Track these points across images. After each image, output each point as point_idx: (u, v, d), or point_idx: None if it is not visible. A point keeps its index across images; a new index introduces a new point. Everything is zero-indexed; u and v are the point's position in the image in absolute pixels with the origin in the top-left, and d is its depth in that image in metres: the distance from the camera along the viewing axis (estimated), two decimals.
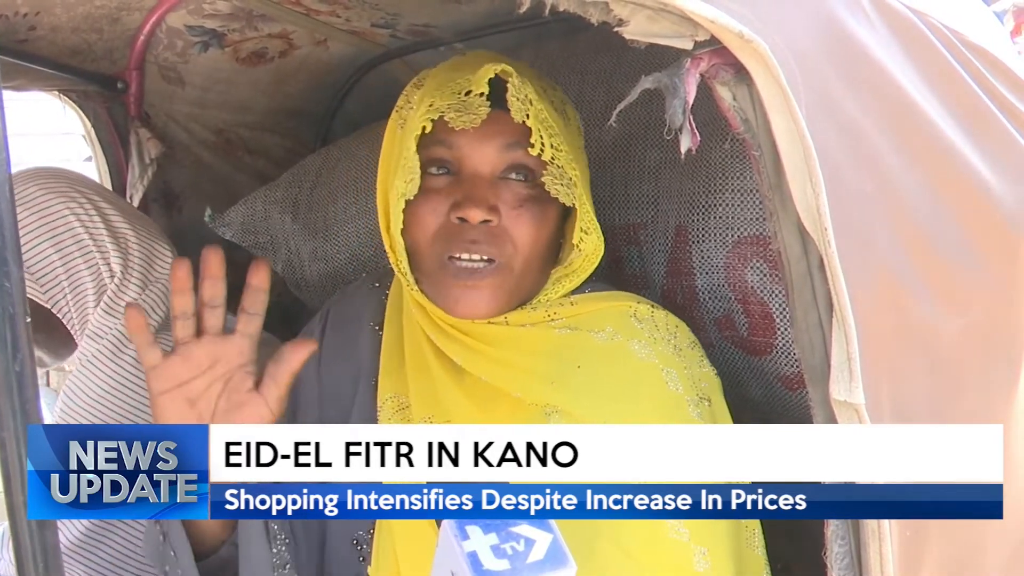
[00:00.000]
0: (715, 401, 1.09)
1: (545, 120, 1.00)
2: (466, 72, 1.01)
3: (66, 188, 1.38)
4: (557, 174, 1.02)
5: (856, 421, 0.81)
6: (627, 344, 1.07)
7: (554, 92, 1.08)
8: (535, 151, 0.99)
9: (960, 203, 1.00)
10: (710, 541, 0.97)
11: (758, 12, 0.76)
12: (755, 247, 1.19)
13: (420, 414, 1.07)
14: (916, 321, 0.91)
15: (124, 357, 1.38)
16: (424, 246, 1.05)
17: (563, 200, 1.02)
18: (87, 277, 1.37)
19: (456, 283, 1.03)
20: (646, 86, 0.74)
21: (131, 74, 1.69)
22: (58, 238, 1.35)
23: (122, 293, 1.39)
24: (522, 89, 0.99)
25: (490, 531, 0.71)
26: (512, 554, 0.70)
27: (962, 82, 1.07)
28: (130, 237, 1.40)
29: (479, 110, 1.00)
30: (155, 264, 1.43)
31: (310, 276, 1.67)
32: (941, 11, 1.09)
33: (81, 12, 1.44)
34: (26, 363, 0.46)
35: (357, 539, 1.09)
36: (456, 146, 1.03)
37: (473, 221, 1.01)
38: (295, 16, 1.59)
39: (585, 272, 1.10)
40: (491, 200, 1.02)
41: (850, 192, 0.82)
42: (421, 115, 1.00)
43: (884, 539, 0.83)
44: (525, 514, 0.74)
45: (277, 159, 1.98)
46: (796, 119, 0.76)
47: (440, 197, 1.04)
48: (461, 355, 1.07)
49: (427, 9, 1.57)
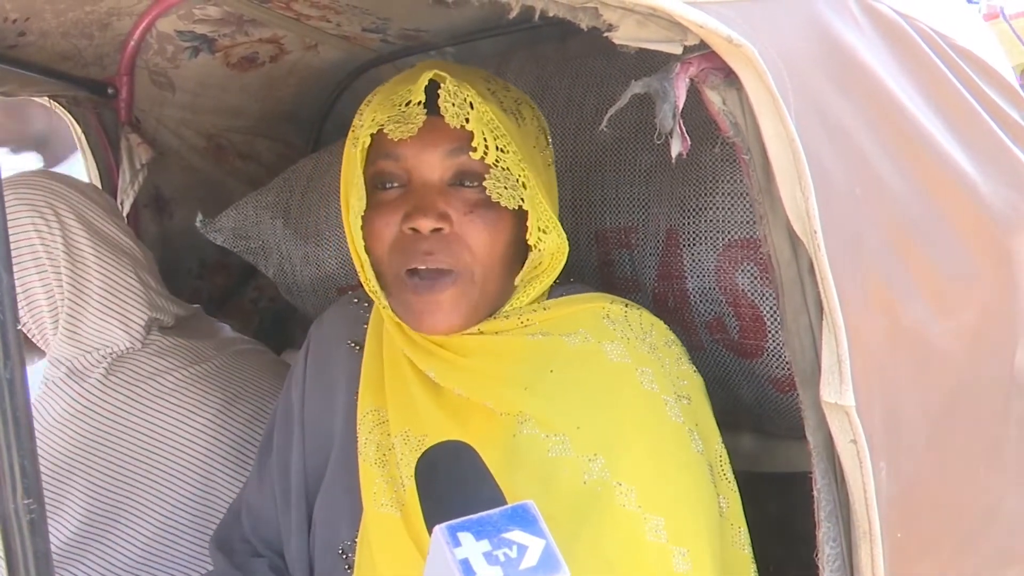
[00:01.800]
0: (695, 399, 1.08)
1: (490, 122, 0.99)
2: (409, 83, 1.02)
3: (39, 202, 1.40)
4: (501, 177, 1.01)
5: (846, 423, 0.81)
6: (599, 346, 1.07)
7: (506, 93, 1.07)
8: (477, 155, 0.99)
9: (949, 205, 1.00)
10: (690, 541, 0.97)
11: (747, 16, 0.76)
12: (746, 250, 1.20)
13: (397, 428, 1.08)
14: (906, 323, 0.91)
15: (84, 383, 1.38)
16: (383, 260, 1.05)
17: (505, 203, 1.01)
18: (40, 294, 1.39)
19: (417, 298, 1.03)
20: (636, 91, 0.74)
21: (121, 79, 1.69)
22: (17, 252, 1.36)
23: (78, 319, 1.39)
24: (458, 93, 0.98)
25: (482, 537, 0.70)
26: (505, 560, 0.69)
27: (950, 85, 1.07)
28: (90, 260, 1.40)
29: (416, 119, 1.00)
30: (119, 293, 1.42)
31: (302, 281, 1.67)
32: (928, 14, 1.09)
33: (71, 17, 1.44)
34: (17, 370, 0.45)
35: (343, 548, 1.09)
36: (401, 157, 1.04)
37: (424, 230, 1.01)
38: (286, 21, 1.59)
39: (552, 272, 1.09)
40: (440, 207, 1.02)
41: (839, 195, 0.82)
42: (365, 131, 1.02)
43: (875, 540, 0.84)
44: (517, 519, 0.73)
45: (268, 164, 1.98)
46: (785, 123, 0.76)
47: (391, 209, 1.04)
48: (435, 368, 1.08)
49: (417, 14, 1.57)
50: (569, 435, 1.01)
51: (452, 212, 1.02)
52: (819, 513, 0.85)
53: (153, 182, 1.79)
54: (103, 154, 1.79)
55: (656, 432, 1.03)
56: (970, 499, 1.03)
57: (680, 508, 0.99)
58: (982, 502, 1.06)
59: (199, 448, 1.40)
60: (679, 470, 1.02)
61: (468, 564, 0.68)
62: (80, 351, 1.40)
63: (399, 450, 1.06)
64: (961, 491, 1.02)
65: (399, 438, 1.07)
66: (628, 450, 1.01)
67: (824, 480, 0.84)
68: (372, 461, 1.08)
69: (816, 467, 0.84)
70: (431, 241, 1.02)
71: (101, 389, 1.38)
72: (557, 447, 1.01)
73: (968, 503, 1.03)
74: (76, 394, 1.38)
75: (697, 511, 1.00)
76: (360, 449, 1.10)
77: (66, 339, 1.39)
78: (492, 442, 1.01)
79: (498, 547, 0.69)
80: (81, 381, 1.38)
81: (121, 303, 1.42)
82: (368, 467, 1.08)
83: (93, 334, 1.40)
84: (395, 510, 1.04)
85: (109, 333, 1.41)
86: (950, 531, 1.01)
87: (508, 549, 0.69)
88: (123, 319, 1.42)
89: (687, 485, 1.01)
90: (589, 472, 0.99)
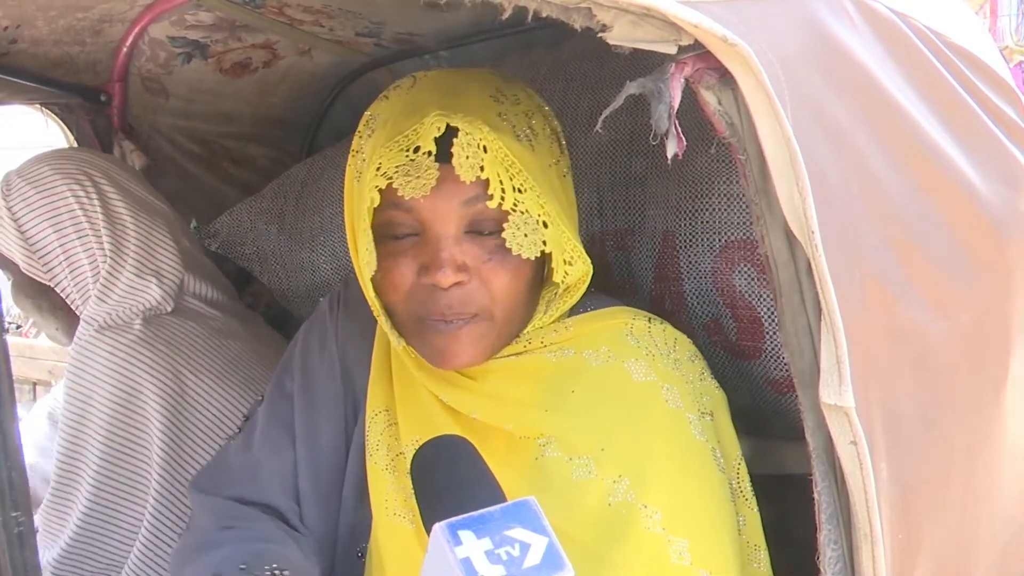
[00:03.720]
0: (718, 415, 1.07)
1: (505, 159, 0.93)
2: (415, 116, 0.95)
3: (74, 170, 1.45)
4: (520, 223, 0.95)
5: (846, 424, 0.81)
6: (622, 365, 1.04)
7: (517, 108, 1.00)
8: (494, 203, 0.93)
9: (946, 204, 1.00)
10: (713, 564, 0.96)
11: (742, 16, 0.75)
12: (743, 251, 1.19)
13: (408, 435, 1.06)
14: (905, 323, 0.91)
15: (124, 335, 1.40)
16: (399, 308, 1.02)
17: (526, 254, 0.96)
18: (83, 258, 1.43)
19: (436, 335, 0.99)
20: (631, 91, 0.73)
21: (114, 86, 1.69)
22: (58, 219, 1.42)
23: (115, 279, 1.42)
24: (472, 140, 0.92)
25: (484, 536, 0.67)
26: (507, 559, 0.66)
27: (946, 83, 1.07)
28: (127, 221, 1.45)
29: (427, 174, 0.93)
30: (154, 251, 1.46)
31: (297, 287, 1.66)
32: (924, 13, 1.09)
33: (63, 24, 1.44)
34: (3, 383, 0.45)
35: (361, 551, 1.08)
36: (414, 209, 0.97)
37: (443, 286, 0.96)
38: (278, 26, 1.58)
39: (575, 295, 1.06)
40: (458, 260, 0.97)
41: (837, 195, 0.82)
42: (371, 179, 0.95)
43: (876, 542, 0.83)
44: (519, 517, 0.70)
45: (262, 169, 1.97)
46: (781, 122, 0.76)
47: (407, 260, 0.99)
48: (447, 393, 1.05)
49: (411, 17, 1.57)
50: (593, 457, 0.99)
51: (470, 261, 0.97)
52: (820, 516, 0.84)
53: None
54: None
55: (681, 453, 1.01)
56: (971, 499, 1.03)
57: (704, 530, 0.98)
58: (983, 502, 1.06)
59: (219, 419, 1.42)
60: (702, 491, 1.00)
61: (470, 563, 0.65)
62: (114, 307, 1.42)
63: (409, 458, 1.04)
64: (961, 491, 1.01)
65: (410, 446, 1.04)
66: (653, 472, 0.99)
67: (824, 482, 0.84)
68: (382, 467, 1.06)
69: (816, 469, 0.84)
70: (450, 294, 0.97)
71: (142, 338, 1.40)
72: (581, 470, 0.99)
73: (969, 503, 1.03)
74: (118, 344, 1.39)
75: (721, 533, 0.99)
76: (370, 452, 1.07)
77: (100, 298, 1.42)
78: (513, 466, 1.00)
79: (500, 545, 0.67)
80: (120, 334, 1.40)
81: (155, 260, 1.47)
82: (378, 472, 1.06)
83: (128, 290, 1.43)
84: (408, 521, 1.02)
85: (144, 290, 1.44)
86: (952, 532, 1.01)
87: (511, 547, 0.67)
88: (157, 275, 1.46)
89: (710, 507, 1.00)
90: (614, 494, 0.97)
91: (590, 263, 1.02)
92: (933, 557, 0.95)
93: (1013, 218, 1.09)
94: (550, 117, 1.05)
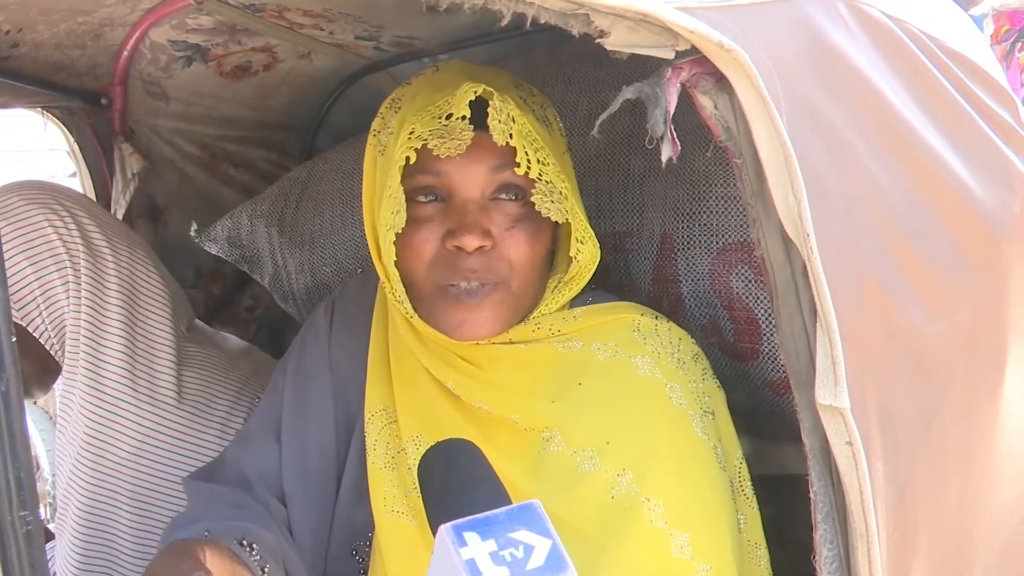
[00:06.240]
0: (719, 414, 1.09)
1: (529, 134, 0.98)
2: (444, 91, 0.99)
3: (47, 199, 1.35)
4: (546, 191, 1.00)
5: (842, 425, 0.81)
6: (629, 360, 1.06)
7: (534, 99, 1.06)
8: (521, 171, 0.97)
9: (942, 206, 1.00)
10: (714, 559, 0.97)
11: (737, 21, 0.76)
12: (740, 254, 1.20)
13: (409, 431, 1.06)
14: (901, 324, 0.91)
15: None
16: (419, 275, 1.03)
17: (555, 217, 1.01)
18: (60, 291, 1.33)
19: (458, 306, 1.01)
20: (628, 96, 0.74)
21: (115, 90, 1.69)
22: (34, 250, 1.32)
23: (104, 314, 1.34)
24: (503, 108, 0.96)
25: (488, 537, 0.68)
26: (511, 560, 0.67)
27: (941, 87, 1.07)
28: (106, 252, 1.36)
29: (463, 135, 0.97)
30: (137, 284, 1.39)
31: (297, 289, 1.67)
32: (919, 17, 1.09)
33: (64, 28, 1.44)
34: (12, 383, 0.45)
35: (356, 549, 1.09)
36: (443, 173, 1.01)
37: (469, 249, 1.00)
38: (279, 30, 1.59)
39: (583, 280, 1.09)
40: (484, 225, 1.01)
41: (832, 198, 0.82)
42: (403, 144, 0.98)
43: (872, 541, 0.84)
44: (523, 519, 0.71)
45: (262, 172, 1.98)
46: (777, 126, 0.76)
47: (432, 225, 1.02)
48: (454, 380, 1.06)
49: (411, 21, 1.58)
50: (597, 449, 1.00)
51: (494, 228, 1.01)
52: (816, 515, 0.85)
53: (147, 191, 1.79)
54: (97, 165, 1.79)
55: (684, 448, 1.02)
56: (967, 499, 1.04)
57: (705, 525, 0.99)
58: (980, 501, 1.06)
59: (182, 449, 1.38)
60: (705, 487, 1.01)
61: (474, 564, 0.66)
62: (101, 345, 1.34)
63: (411, 454, 1.05)
64: (958, 491, 1.02)
65: (411, 442, 1.06)
66: (657, 466, 1.00)
67: (820, 482, 0.84)
68: (381, 464, 1.07)
69: (812, 469, 0.84)
70: (474, 259, 1.00)
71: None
72: (586, 463, 1.00)
73: (966, 502, 1.03)
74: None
75: (722, 530, 1.00)
76: (368, 451, 1.08)
77: (88, 334, 1.34)
78: (517, 457, 1.01)
79: (504, 547, 0.68)
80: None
81: (141, 297, 1.39)
82: (377, 470, 1.07)
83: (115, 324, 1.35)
84: (410, 518, 1.03)
85: (134, 327, 1.36)
86: (949, 531, 1.01)
87: (515, 549, 0.68)
88: (142, 313, 1.38)
89: (712, 502, 1.01)
90: (617, 487, 0.98)
91: (598, 245, 1.05)
92: (930, 556, 0.96)
93: (1008, 219, 1.09)
94: (557, 118, 1.10)
